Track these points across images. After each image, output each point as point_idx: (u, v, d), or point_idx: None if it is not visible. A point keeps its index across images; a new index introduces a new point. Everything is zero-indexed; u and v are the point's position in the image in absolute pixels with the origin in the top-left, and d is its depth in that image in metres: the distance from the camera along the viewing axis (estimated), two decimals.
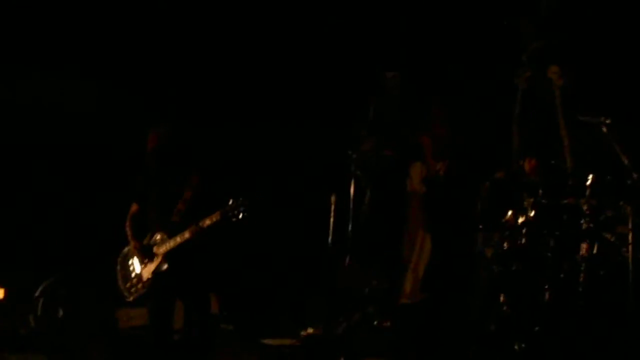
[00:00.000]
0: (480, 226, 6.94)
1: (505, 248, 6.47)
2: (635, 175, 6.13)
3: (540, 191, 6.52)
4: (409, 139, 8.12)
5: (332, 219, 7.22)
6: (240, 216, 5.99)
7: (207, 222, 6.05)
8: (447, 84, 8.39)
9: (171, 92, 8.78)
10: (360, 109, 8.24)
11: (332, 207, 7.23)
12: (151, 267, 6.21)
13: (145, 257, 6.24)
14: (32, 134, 8.50)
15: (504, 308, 6.27)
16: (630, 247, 5.99)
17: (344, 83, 8.58)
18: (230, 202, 6.02)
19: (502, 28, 8.23)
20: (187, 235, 6.08)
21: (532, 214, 6.43)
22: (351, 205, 7.21)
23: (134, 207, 6.47)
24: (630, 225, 6.04)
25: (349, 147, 7.34)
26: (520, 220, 6.45)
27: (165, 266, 6.16)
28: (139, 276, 6.28)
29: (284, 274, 8.59)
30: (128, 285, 6.32)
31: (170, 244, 6.14)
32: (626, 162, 6.18)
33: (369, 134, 8.17)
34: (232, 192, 6.09)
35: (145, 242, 6.28)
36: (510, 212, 6.53)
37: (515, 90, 8.03)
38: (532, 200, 6.47)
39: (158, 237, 6.24)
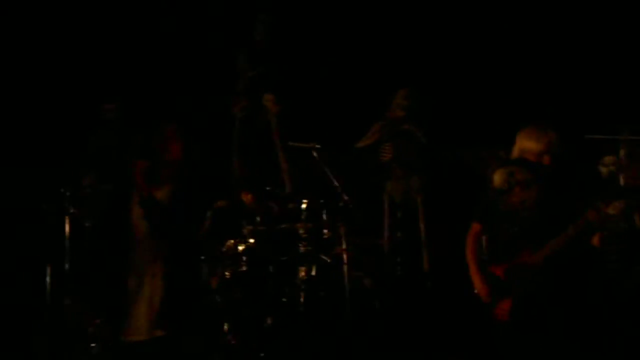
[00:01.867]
0: (203, 257, 6.89)
1: (227, 277, 6.48)
2: (345, 198, 6.39)
3: (258, 218, 6.62)
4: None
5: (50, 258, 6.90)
6: None
7: None
8: (167, 114, 8.32)
9: None
10: (75, 144, 7.97)
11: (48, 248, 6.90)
12: None
13: None
14: None
15: (229, 337, 6.26)
16: (345, 267, 6.23)
17: (55, 118, 8.28)
18: None
19: (218, 58, 8.35)
20: None
21: (252, 241, 6.51)
22: (67, 244, 6.92)
23: None
24: (344, 246, 6.28)
25: (63, 184, 7.06)
26: (241, 248, 6.49)
27: None
28: None
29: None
30: None
31: None
32: (336, 185, 6.42)
33: (88, 169, 7.91)
34: None
35: None
36: (230, 241, 6.56)
37: (233, 119, 8.15)
38: (250, 227, 6.55)
39: None
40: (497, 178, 5.03)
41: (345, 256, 6.24)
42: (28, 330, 7.49)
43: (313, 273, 6.49)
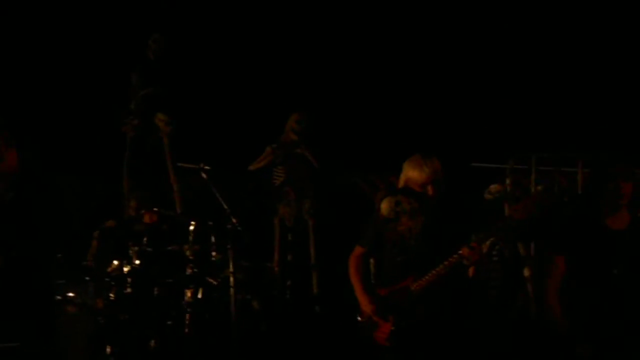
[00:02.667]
0: (88, 277, 6.74)
1: (111, 298, 6.35)
2: (234, 220, 6.36)
3: (145, 239, 6.53)
4: None
5: None
6: None
7: None
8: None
9: None
10: None
11: None
12: None
13: None
14: None
15: None
16: (232, 290, 6.19)
17: None
18: None
19: (112, 77, 8.23)
20: None
21: (138, 262, 6.41)
22: None
23: None
24: (231, 269, 6.25)
25: None
26: (126, 269, 6.39)
27: None
28: None
29: None
30: None
31: None
32: (225, 207, 6.39)
33: None
34: None
35: None
36: (116, 262, 6.45)
37: (124, 138, 8.03)
38: (137, 248, 6.45)
39: None
40: (384, 207, 5.08)
41: (232, 279, 6.21)
42: None
43: (199, 295, 6.42)
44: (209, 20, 8.67)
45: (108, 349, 6.17)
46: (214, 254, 6.63)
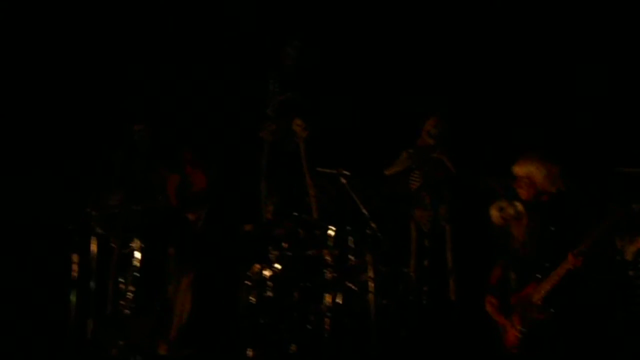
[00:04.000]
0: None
1: (252, 302, 6.44)
2: (373, 225, 6.34)
3: (285, 243, 6.59)
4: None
5: (75, 279, 6.90)
6: None
7: None
8: (197, 136, 8.36)
9: None
10: (100, 163, 8.00)
11: (75, 268, 6.90)
12: None
13: None
14: None
15: None
16: (371, 295, 6.18)
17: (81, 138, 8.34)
18: None
19: (248, 82, 8.37)
20: None
21: (278, 266, 6.47)
22: (93, 265, 6.92)
23: None
24: (370, 274, 6.24)
25: (89, 204, 7.08)
26: (267, 273, 6.46)
27: None
28: None
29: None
30: None
31: None
32: (365, 212, 6.39)
33: (116, 189, 7.93)
34: None
35: None
36: (256, 266, 6.53)
37: (262, 143, 8.14)
38: (277, 252, 6.52)
39: None
40: (493, 215, 5.02)
41: (371, 284, 6.20)
42: (52, 351, 7.52)
43: (339, 300, 6.43)
44: (345, 25, 8.68)
45: (249, 353, 6.26)
46: (352, 258, 6.64)
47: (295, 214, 7.04)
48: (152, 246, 7.24)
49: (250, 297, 6.43)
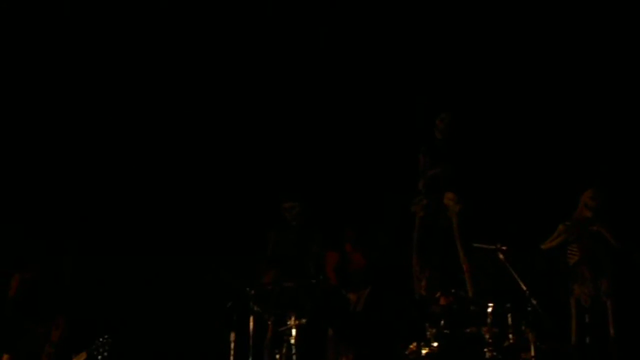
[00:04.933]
0: None
1: None
2: (534, 302, 6.15)
3: (442, 321, 6.46)
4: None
5: (232, 357, 6.99)
6: (106, 354, 6.27)
7: None
8: (345, 211, 8.41)
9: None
10: (256, 242, 8.15)
11: (232, 345, 6.99)
12: None
13: None
14: None
15: None
16: None
17: (241, 217, 8.54)
18: (97, 341, 6.28)
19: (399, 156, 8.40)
20: None
21: (436, 344, 6.35)
22: (251, 342, 6.99)
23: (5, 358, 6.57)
24: (532, 352, 6.03)
25: (247, 283, 7.19)
26: (424, 351, 6.34)
27: None
28: None
29: None
30: None
31: None
32: (524, 288, 6.21)
33: (268, 267, 8.03)
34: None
35: None
36: (413, 344, 6.42)
37: (413, 218, 8.09)
38: (434, 330, 6.40)
39: None
40: None
41: None
42: None
43: None
44: (493, 97, 8.63)
45: None
46: (510, 336, 6.43)
47: (453, 290, 6.91)
48: (310, 325, 7.27)
49: None
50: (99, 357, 6.23)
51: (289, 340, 6.84)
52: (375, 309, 6.99)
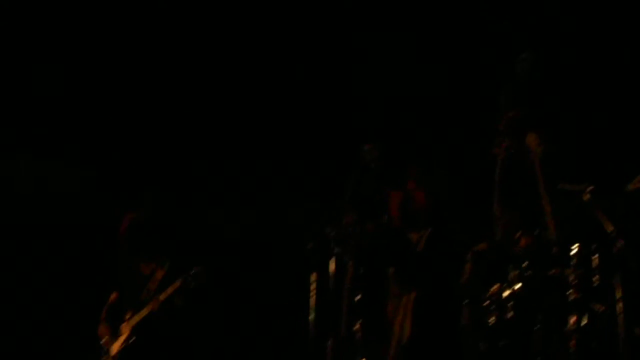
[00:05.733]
0: (465, 301, 6.70)
1: (491, 323, 6.26)
2: (621, 243, 6.00)
3: (525, 263, 6.35)
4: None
5: (313, 298, 7.02)
6: (199, 284, 6.50)
7: (168, 290, 6.42)
8: (424, 155, 8.33)
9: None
10: (336, 183, 8.13)
11: (313, 286, 7.02)
12: (118, 342, 6.48)
13: (114, 335, 6.52)
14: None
15: None
16: (620, 317, 5.84)
17: (318, 159, 8.54)
18: (192, 271, 6.49)
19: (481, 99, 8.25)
20: (150, 307, 6.40)
21: (518, 286, 6.26)
22: (331, 284, 7.02)
23: (113, 296, 6.78)
24: (619, 294, 5.90)
25: (328, 224, 7.20)
26: (506, 293, 6.26)
27: (132, 339, 6.43)
28: (108, 353, 6.55)
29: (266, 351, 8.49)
30: None
31: (135, 319, 6.44)
32: (611, 229, 6.06)
33: (349, 208, 8.01)
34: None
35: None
36: (495, 286, 6.34)
37: (494, 160, 7.95)
38: (517, 272, 6.30)
39: (127, 316, 6.53)
40: None
41: (620, 305, 5.85)
42: None
43: (584, 323, 6.11)
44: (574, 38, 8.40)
45: None
46: (596, 278, 6.30)
47: (536, 231, 6.79)
48: (373, 265, 7.26)
49: (490, 319, 6.24)
50: (192, 285, 6.39)
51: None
52: (435, 249, 6.88)
